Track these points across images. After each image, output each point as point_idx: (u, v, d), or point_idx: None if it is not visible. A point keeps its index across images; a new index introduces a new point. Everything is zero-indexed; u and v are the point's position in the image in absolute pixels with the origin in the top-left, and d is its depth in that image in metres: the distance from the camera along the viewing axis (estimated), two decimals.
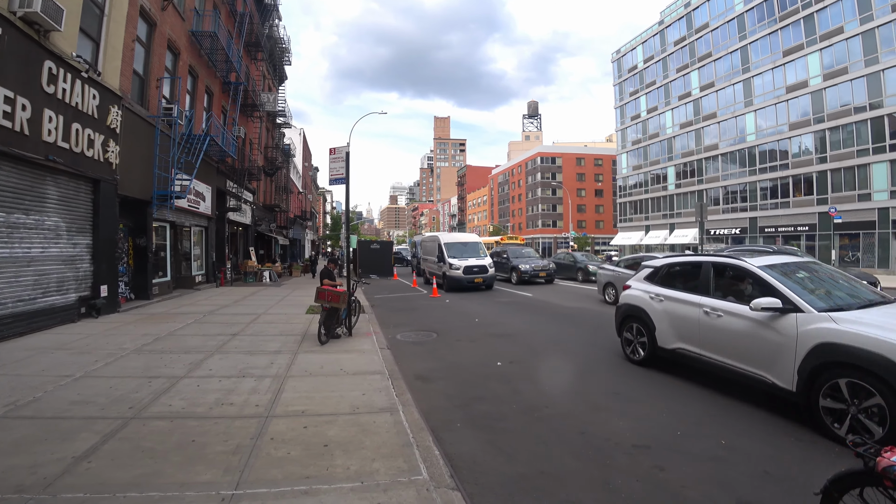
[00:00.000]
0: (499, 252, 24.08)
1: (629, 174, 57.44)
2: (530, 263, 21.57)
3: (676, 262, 7.01)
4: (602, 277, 14.78)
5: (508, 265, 22.17)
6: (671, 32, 49.38)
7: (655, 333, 6.45)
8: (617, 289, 13.22)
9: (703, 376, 6.09)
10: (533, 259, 22.83)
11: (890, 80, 31.55)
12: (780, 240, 38.18)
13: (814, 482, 3.20)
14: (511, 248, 24.18)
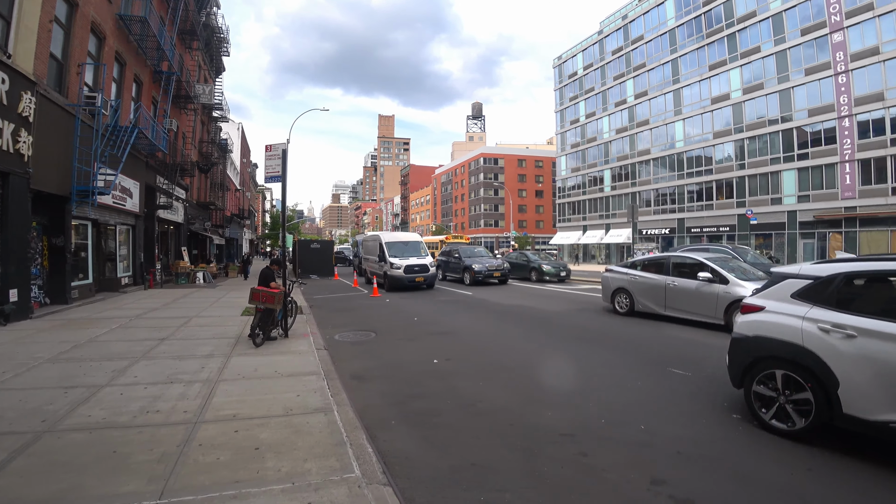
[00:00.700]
0: (449, 251, 23.47)
1: (568, 176, 59.56)
2: (484, 263, 20.80)
3: (866, 269, 4.24)
4: (611, 282, 12.07)
5: (461, 265, 21.42)
6: (609, 42, 51.81)
7: (839, 392, 3.86)
8: (633, 297, 11.11)
9: (649, 373, 6.53)
10: (486, 259, 22.13)
11: (798, 97, 34.82)
12: (705, 238, 41.08)
13: (726, 459, 3.80)
14: (463, 248, 23.36)
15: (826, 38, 33.21)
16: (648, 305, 10.70)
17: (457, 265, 21.83)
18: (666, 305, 10.32)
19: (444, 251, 24.36)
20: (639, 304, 10.86)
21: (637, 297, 10.95)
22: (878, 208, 30.16)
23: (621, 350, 8.03)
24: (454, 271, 22.05)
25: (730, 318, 8.99)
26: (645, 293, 10.81)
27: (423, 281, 18.44)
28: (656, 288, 10.57)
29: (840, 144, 32.30)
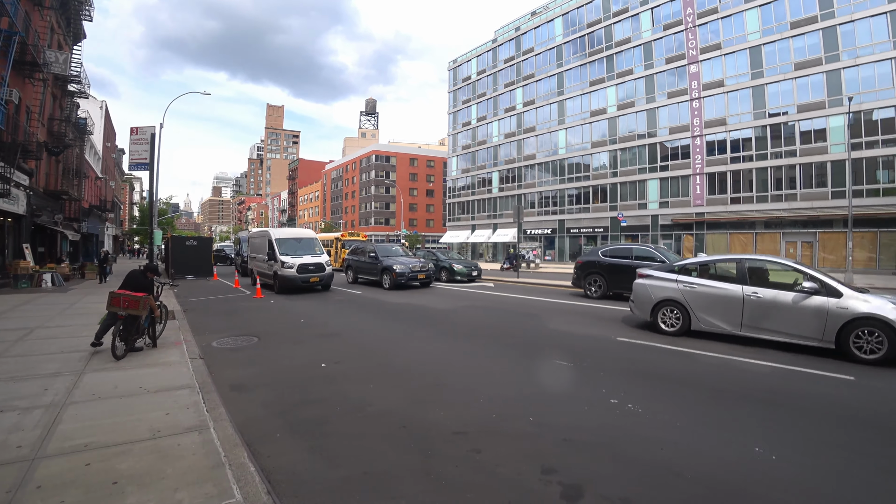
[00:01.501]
0: (362, 249, 20.76)
1: (458, 176, 60.99)
2: (407, 264, 18.32)
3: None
4: (653, 291, 9.06)
5: (378, 266, 18.68)
6: (503, 51, 54.17)
7: None
8: (690, 311, 8.44)
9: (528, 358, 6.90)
10: (407, 258, 19.80)
11: (662, 116, 39.50)
12: (583, 239, 44.60)
13: (609, 444, 4.03)
14: (380, 246, 20.45)
15: (685, 69, 38.19)
16: (714, 323, 8.10)
17: (372, 266, 19.18)
18: (743, 324, 7.80)
19: (354, 249, 21.64)
20: (699, 320, 8.26)
21: (696, 312, 8.28)
22: (720, 214, 35.63)
23: (512, 345, 8.14)
24: (369, 273, 19.46)
25: (846, 341, 6.90)
26: (710, 307, 8.16)
27: (318, 281, 16.76)
28: (729, 301, 7.95)
29: (693, 159, 37.32)
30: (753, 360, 6.97)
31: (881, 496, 3.23)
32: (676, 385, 5.78)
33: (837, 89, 31.02)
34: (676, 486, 3.31)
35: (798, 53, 32.93)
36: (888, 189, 29.12)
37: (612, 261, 14.47)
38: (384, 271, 18.28)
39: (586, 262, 15.21)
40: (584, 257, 15.66)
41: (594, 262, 14.90)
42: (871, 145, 29.76)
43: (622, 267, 14.06)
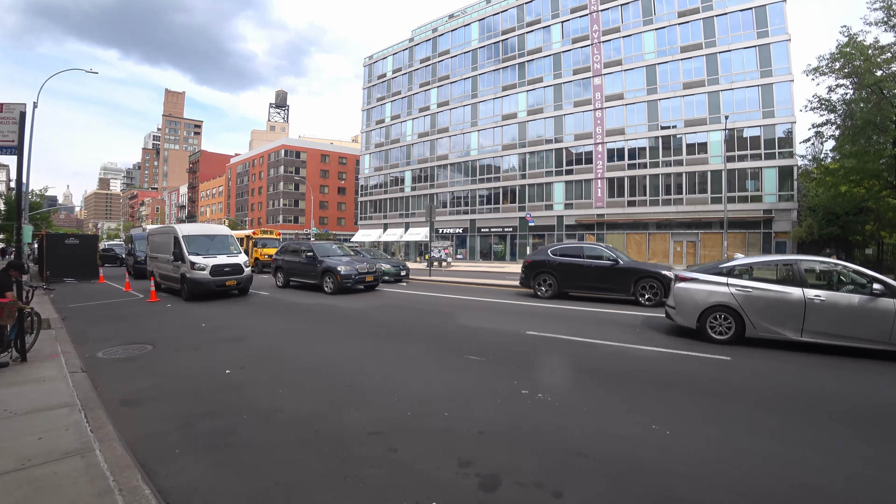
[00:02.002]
0: (295, 248, 18.10)
1: (371, 175, 59.53)
2: (352, 264, 15.89)
3: None
4: (700, 296, 8.01)
5: (317, 267, 16.09)
6: (419, 51, 53.93)
7: None
8: (745, 316, 7.57)
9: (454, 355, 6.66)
10: (350, 258, 17.34)
11: (568, 123, 41.43)
12: (492, 238, 45.23)
13: (526, 434, 4.10)
14: (318, 244, 17.73)
15: (590, 80, 40.44)
16: (774, 329, 7.39)
17: (309, 267, 16.60)
18: (804, 329, 7.19)
19: (284, 248, 18.89)
20: (755, 327, 7.53)
21: (753, 318, 7.53)
22: (618, 216, 38.06)
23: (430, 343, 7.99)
24: (305, 275, 16.83)
25: None
26: (768, 312, 7.46)
27: (235, 284, 14.58)
28: (790, 305, 7.30)
29: (595, 165, 39.51)
30: (644, 346, 7.54)
31: (752, 456, 3.71)
32: (581, 373, 6.08)
33: (717, 108, 34.51)
34: (585, 467, 3.49)
35: (686, 74, 36.25)
36: (754, 196, 33.14)
37: (564, 260, 13.92)
38: (326, 273, 15.73)
39: (535, 262, 14.50)
40: (532, 257, 14.97)
41: (544, 262, 14.24)
42: (742, 158, 33.48)
43: (574, 266, 13.66)
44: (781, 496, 3.12)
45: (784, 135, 32.68)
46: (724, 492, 3.16)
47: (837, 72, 23.60)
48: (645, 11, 38.45)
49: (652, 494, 3.14)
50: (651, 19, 38.11)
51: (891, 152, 22.00)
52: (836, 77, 23.87)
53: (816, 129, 26.04)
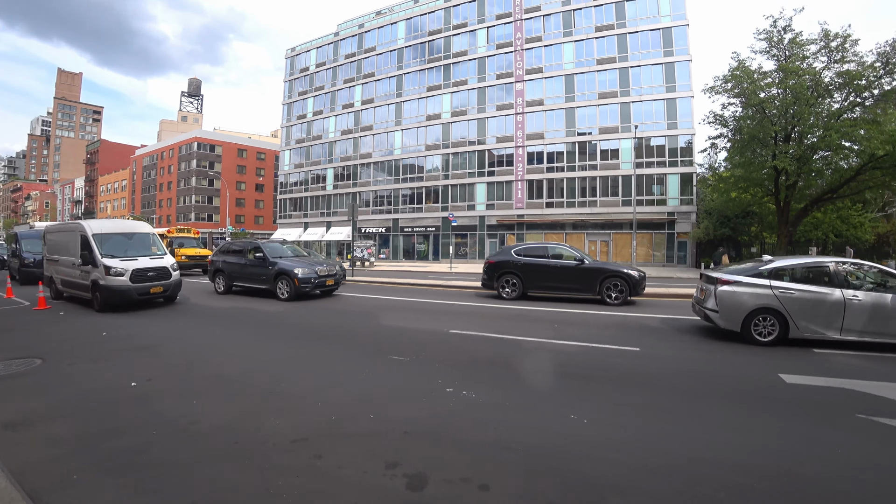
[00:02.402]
0: (241, 249, 15.46)
1: (291, 171, 56.71)
2: (311, 266, 13.71)
3: None
4: (744, 298, 7.90)
5: (269, 270, 13.79)
6: (344, 46, 52.26)
7: None
8: (789, 318, 7.60)
9: None
10: (306, 258, 15.17)
11: (490, 126, 41.84)
12: (415, 237, 44.45)
13: (451, 431, 4.12)
14: (267, 244, 15.25)
15: (512, 86, 41.17)
16: (815, 329, 7.53)
17: (258, 270, 14.23)
18: (843, 328, 7.38)
19: (225, 248, 16.08)
20: (798, 328, 7.60)
21: (796, 319, 7.58)
22: (537, 217, 38.89)
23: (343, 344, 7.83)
24: (252, 279, 14.46)
25: None
26: (810, 313, 7.57)
27: (161, 292, 12.16)
28: (831, 305, 7.48)
29: (516, 167, 40.12)
30: (562, 341, 7.77)
31: (657, 436, 3.99)
32: (505, 369, 6.15)
33: (628, 118, 36.33)
34: (509, 460, 3.55)
35: (601, 85, 37.93)
36: (660, 200, 35.26)
37: (528, 260, 13.47)
38: (279, 277, 13.50)
39: (498, 262, 13.90)
40: (494, 257, 14.27)
41: (508, 262, 13.70)
42: (650, 165, 35.47)
43: (539, 266, 13.23)
44: (681, 469, 3.44)
45: (685, 145, 35.12)
46: (632, 470, 3.41)
47: (729, 92, 25.81)
48: (565, 24, 39.89)
49: (570, 479, 3.29)
50: (570, 31, 39.59)
51: (770, 164, 24.21)
52: (728, 96, 26.12)
53: (712, 141, 28.41)
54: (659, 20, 37.07)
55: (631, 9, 37.93)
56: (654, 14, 37.34)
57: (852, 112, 23.73)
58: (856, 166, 23.88)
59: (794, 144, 24.16)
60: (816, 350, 7.33)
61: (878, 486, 3.30)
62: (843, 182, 24.58)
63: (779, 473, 3.41)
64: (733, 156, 28.16)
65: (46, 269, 14.67)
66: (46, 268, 14.70)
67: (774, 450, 3.79)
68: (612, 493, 3.11)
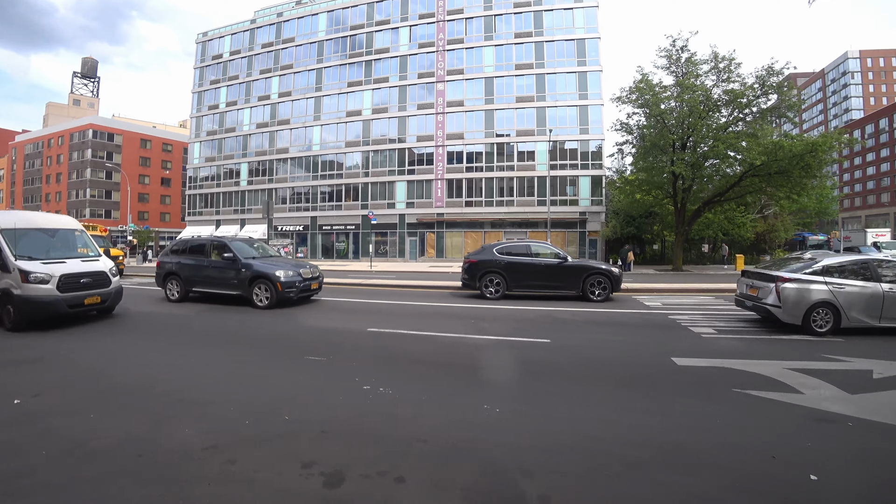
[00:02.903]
0: (200, 246, 12.71)
1: (202, 165, 52.52)
2: (295, 268, 11.69)
3: None
4: (807, 294, 8.49)
5: (241, 273, 11.42)
6: (261, 34, 49.35)
7: None
8: (841, 311, 8.27)
9: None
10: (283, 260, 12.96)
11: (411, 125, 41.25)
12: (334, 236, 42.62)
13: (368, 428, 4.02)
14: (236, 242, 12.56)
15: (433, 85, 40.84)
16: (861, 319, 8.28)
17: (226, 273, 11.76)
18: (882, 316, 8.22)
19: (178, 247, 13.24)
20: (848, 318, 8.31)
21: (847, 311, 8.27)
22: (457, 215, 38.77)
23: None
24: (219, 284, 11.93)
25: None
26: (857, 305, 8.31)
27: (98, 303, 9.49)
28: (872, 297, 8.25)
29: (436, 166, 39.77)
30: (480, 336, 7.89)
31: (561, 420, 4.21)
32: (421, 365, 6.14)
33: (543, 122, 37.23)
34: (424, 452, 3.56)
35: (519, 90, 38.62)
36: (572, 200, 36.50)
37: (512, 259, 12.98)
38: (257, 281, 11.20)
39: (481, 262, 13.19)
40: (476, 256, 13.56)
41: (491, 261, 13.07)
42: (563, 167, 36.56)
43: (523, 265, 12.80)
44: (583, 448, 3.61)
45: (596, 149, 36.60)
46: (540, 453, 3.53)
47: (633, 102, 27.44)
48: (487, 28, 40.28)
49: (483, 466, 3.35)
50: (491, 36, 40.05)
51: (669, 169, 25.88)
52: (633, 106, 27.76)
53: (619, 146, 29.96)
54: (574, 31, 38.49)
55: (548, 19, 39.09)
56: (570, 25, 38.74)
57: (736, 126, 26.18)
58: (739, 173, 26.09)
59: (689, 152, 25.99)
60: (704, 335, 7.98)
61: (741, 448, 3.67)
62: (728, 187, 26.79)
63: (665, 444, 3.70)
64: (637, 161, 29.87)
65: None
66: None
67: (662, 424, 4.12)
68: (521, 475, 3.21)
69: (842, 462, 3.44)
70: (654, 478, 3.18)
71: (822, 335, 8.21)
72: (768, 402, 4.67)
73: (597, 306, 11.43)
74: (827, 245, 35.61)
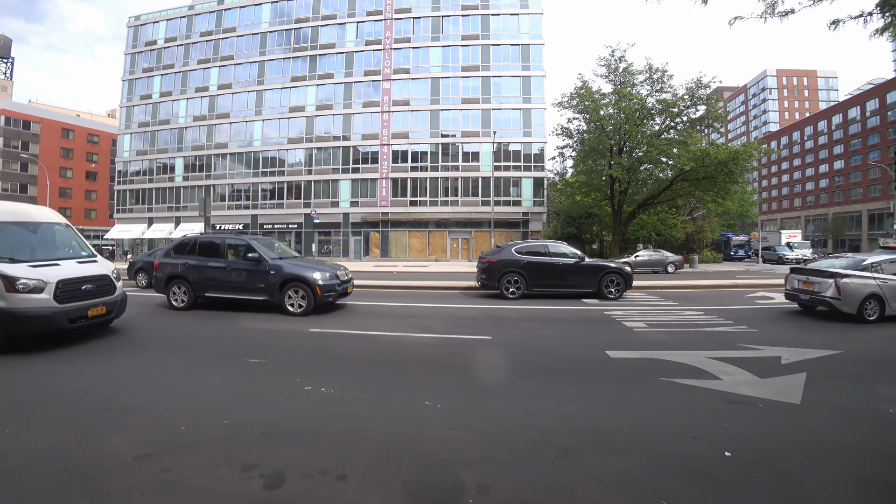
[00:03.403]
0: (214, 244, 11.01)
1: (132, 159, 49.01)
2: (329, 270, 10.40)
3: None
4: (861, 289, 9.41)
5: (269, 276, 10.00)
6: (200, 22, 46.72)
7: None
8: (886, 302, 9.39)
9: None
10: (310, 261, 11.62)
11: (356, 122, 40.49)
12: (276, 235, 40.94)
13: (310, 428, 3.87)
14: (257, 240, 11.06)
15: (379, 84, 40.22)
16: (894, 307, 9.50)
17: (250, 276, 10.27)
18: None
19: (183, 246, 11.22)
20: (891, 308, 9.41)
21: (890, 302, 9.37)
22: (401, 215, 38.39)
23: None
24: (240, 289, 10.40)
25: None
26: None
27: (103, 315, 7.53)
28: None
29: (381, 165, 39.17)
30: (419, 334, 7.87)
31: (498, 412, 4.28)
32: (362, 364, 6.01)
33: (488, 124, 37.53)
34: (366, 449, 3.51)
35: (465, 91, 38.74)
36: (515, 201, 37.04)
37: (532, 259, 12.92)
38: (289, 284, 9.88)
39: (501, 262, 12.94)
40: (494, 255, 13.32)
41: (512, 261, 12.89)
42: (507, 168, 37.05)
43: (543, 265, 12.80)
44: (519, 438, 3.68)
45: (538, 152, 37.35)
46: (479, 444, 3.59)
47: (574, 108, 28.37)
48: (434, 28, 40.11)
49: (423, 460, 3.36)
50: (439, 37, 39.93)
51: (607, 172, 26.89)
52: (573, 111, 28.65)
53: (560, 150, 30.87)
54: (519, 37, 39.08)
55: (495, 23, 39.47)
56: (515, 31, 39.31)
57: (668, 134, 27.54)
58: (670, 178, 27.48)
59: (626, 157, 27.09)
60: (636, 329, 8.25)
61: (665, 431, 3.88)
62: (661, 190, 28.07)
63: (596, 431, 3.87)
64: (578, 164, 30.79)
65: None
66: None
67: (593, 412, 4.31)
68: (461, 467, 3.24)
69: (752, 439, 3.72)
70: (585, 462, 3.33)
71: (871, 322, 9.18)
72: (690, 389, 4.96)
73: (534, 303, 11.62)
74: (748, 245, 38.15)
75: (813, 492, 2.96)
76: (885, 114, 58.26)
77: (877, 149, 58.71)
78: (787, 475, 3.15)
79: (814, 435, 3.82)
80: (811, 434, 3.84)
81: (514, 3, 39.71)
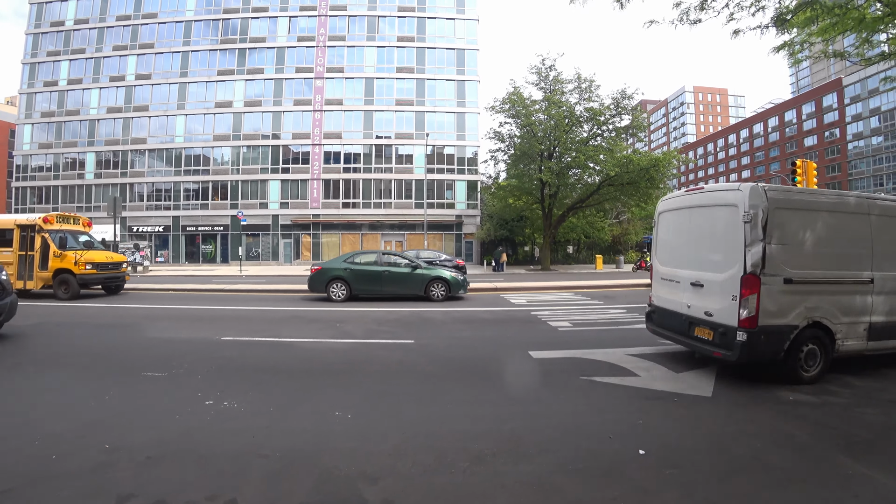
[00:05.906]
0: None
1: (35, 152, 43.76)
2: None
3: None
4: None
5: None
6: (115, 4, 42.36)
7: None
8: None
9: None
10: None
11: (287, 121, 38.57)
12: (200, 238, 38.20)
13: (203, 448, 3.52)
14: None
15: (312, 81, 38.52)
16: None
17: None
18: None
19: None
20: None
21: None
22: (334, 217, 36.96)
23: None
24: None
25: None
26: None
27: None
28: None
29: (312, 165, 37.52)
30: (337, 339, 7.52)
31: (410, 419, 4.06)
32: (272, 374, 5.54)
33: (422, 126, 36.85)
34: (261, 467, 3.18)
35: (399, 93, 37.87)
36: (449, 203, 36.77)
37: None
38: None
39: None
40: None
41: None
42: (441, 171, 36.64)
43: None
44: (429, 447, 3.48)
45: (472, 155, 37.25)
46: (386, 456, 3.31)
47: (506, 112, 28.44)
48: (370, 28, 38.91)
49: (324, 475, 3.09)
50: (374, 37, 38.77)
51: (537, 176, 27.10)
52: (505, 116, 28.73)
53: (492, 153, 30.96)
54: (454, 41, 38.74)
55: (431, 26, 38.89)
56: (451, 35, 38.94)
57: (595, 140, 28.25)
58: (597, 183, 28.17)
59: (555, 162, 27.35)
60: (561, 329, 8.26)
61: (581, 431, 3.77)
62: (589, 194, 28.69)
63: (510, 435, 3.66)
64: (510, 168, 30.96)
65: None
66: None
67: (511, 416, 4.08)
68: (363, 481, 2.99)
69: (665, 434, 3.74)
70: (496, 469, 3.15)
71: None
72: (609, 387, 4.95)
73: (463, 305, 11.52)
74: None
75: (716, 481, 2.98)
76: (784, 130, 63.86)
77: (777, 160, 64.24)
78: (698, 468, 3.14)
79: (723, 427, 3.92)
80: (720, 426, 3.95)
81: (451, 8, 39.37)
